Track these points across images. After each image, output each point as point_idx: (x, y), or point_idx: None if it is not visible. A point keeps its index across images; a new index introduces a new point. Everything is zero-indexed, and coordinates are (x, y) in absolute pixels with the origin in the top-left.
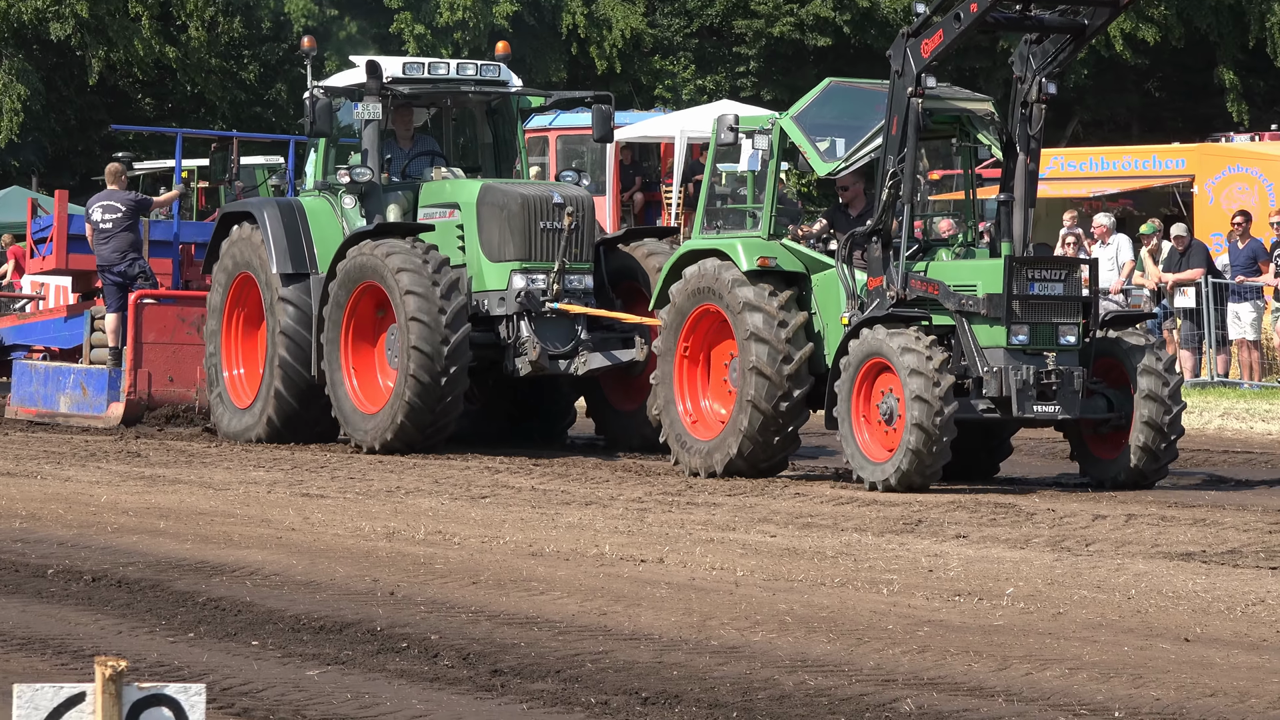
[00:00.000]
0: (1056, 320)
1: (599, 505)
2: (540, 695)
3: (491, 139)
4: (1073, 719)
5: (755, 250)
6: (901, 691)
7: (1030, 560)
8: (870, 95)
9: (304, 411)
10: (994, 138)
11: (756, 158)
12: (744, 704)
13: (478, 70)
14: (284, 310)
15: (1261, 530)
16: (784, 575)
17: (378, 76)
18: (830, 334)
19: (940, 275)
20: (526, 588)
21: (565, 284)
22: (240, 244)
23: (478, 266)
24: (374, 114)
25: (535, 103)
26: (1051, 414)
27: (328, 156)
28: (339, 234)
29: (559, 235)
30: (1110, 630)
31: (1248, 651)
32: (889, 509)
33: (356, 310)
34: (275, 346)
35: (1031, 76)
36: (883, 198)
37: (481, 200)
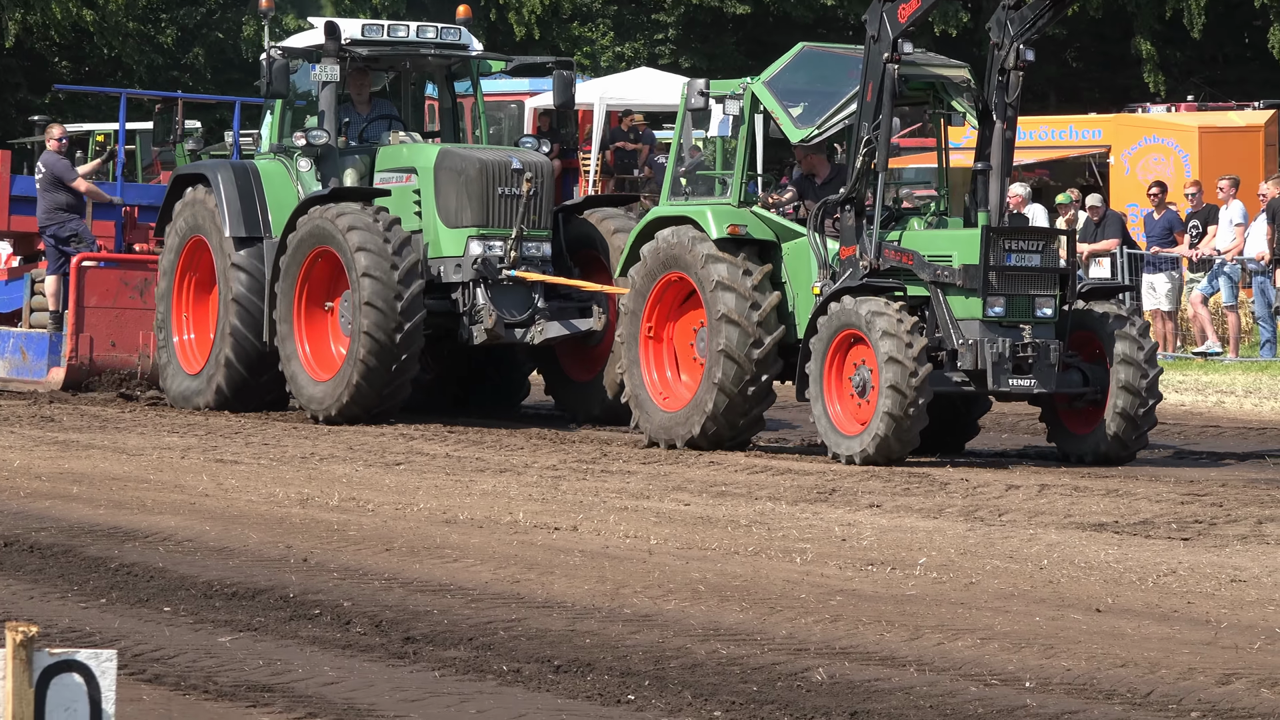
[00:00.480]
0: (1033, 292)
1: (513, 473)
2: (452, 663)
3: (450, 104)
4: (984, 689)
5: (725, 218)
6: (813, 660)
7: (943, 530)
8: (843, 60)
9: (254, 379)
10: (969, 105)
11: (727, 123)
12: (656, 672)
13: (438, 33)
14: (236, 276)
15: (1173, 501)
16: (697, 544)
17: (336, 38)
18: (800, 304)
19: (915, 245)
20: (440, 555)
21: (523, 251)
22: (193, 206)
23: (434, 232)
24: (331, 76)
25: (496, 67)
26: (1027, 388)
27: (283, 119)
28: (294, 198)
29: (517, 201)
30: (1022, 600)
31: (1159, 622)
32: (803, 478)
33: (310, 276)
34: (226, 313)
35: (1009, 43)
36: (856, 165)
37: (439, 165)
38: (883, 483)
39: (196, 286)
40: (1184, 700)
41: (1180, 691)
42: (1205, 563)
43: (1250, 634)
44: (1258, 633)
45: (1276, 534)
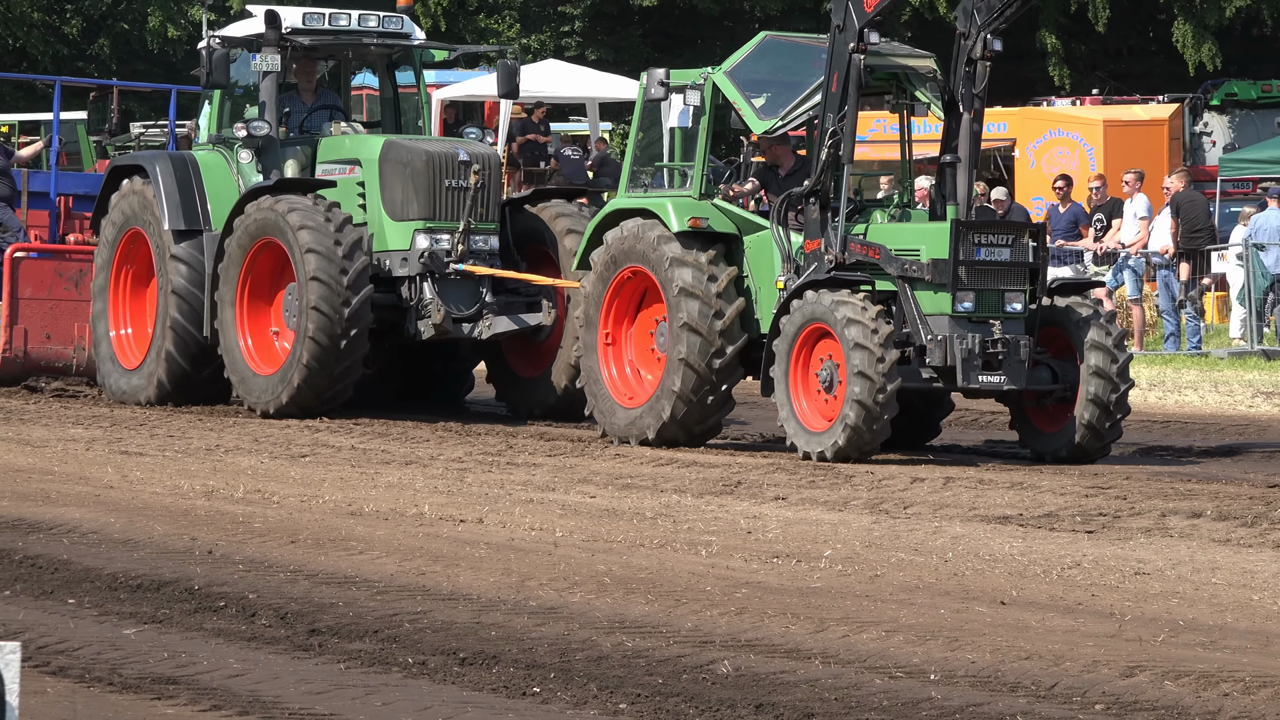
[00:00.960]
0: (1003, 287)
1: (419, 465)
2: (358, 655)
3: (392, 94)
4: (889, 681)
5: (686, 210)
6: (719, 653)
7: (848, 523)
8: (806, 50)
9: (195, 373)
10: (933, 95)
11: (687, 114)
12: (561, 665)
13: (380, 22)
14: (176, 268)
15: (1078, 494)
16: (603, 536)
17: (276, 27)
18: (764, 297)
19: (881, 238)
20: (345, 547)
21: (470, 244)
22: (130, 198)
23: (379, 225)
24: (272, 66)
25: (439, 56)
26: (997, 384)
27: (222, 109)
28: (234, 189)
29: (465, 194)
30: (927, 593)
31: (1063, 615)
32: (709, 470)
33: (253, 268)
34: (166, 306)
35: (976, 32)
36: (821, 157)
37: (384, 157)
38: (788, 475)
39: (133, 280)
40: (1088, 693)
41: (1084, 684)
42: (1109, 555)
43: (1154, 626)
44: (1161, 625)
45: (1180, 527)
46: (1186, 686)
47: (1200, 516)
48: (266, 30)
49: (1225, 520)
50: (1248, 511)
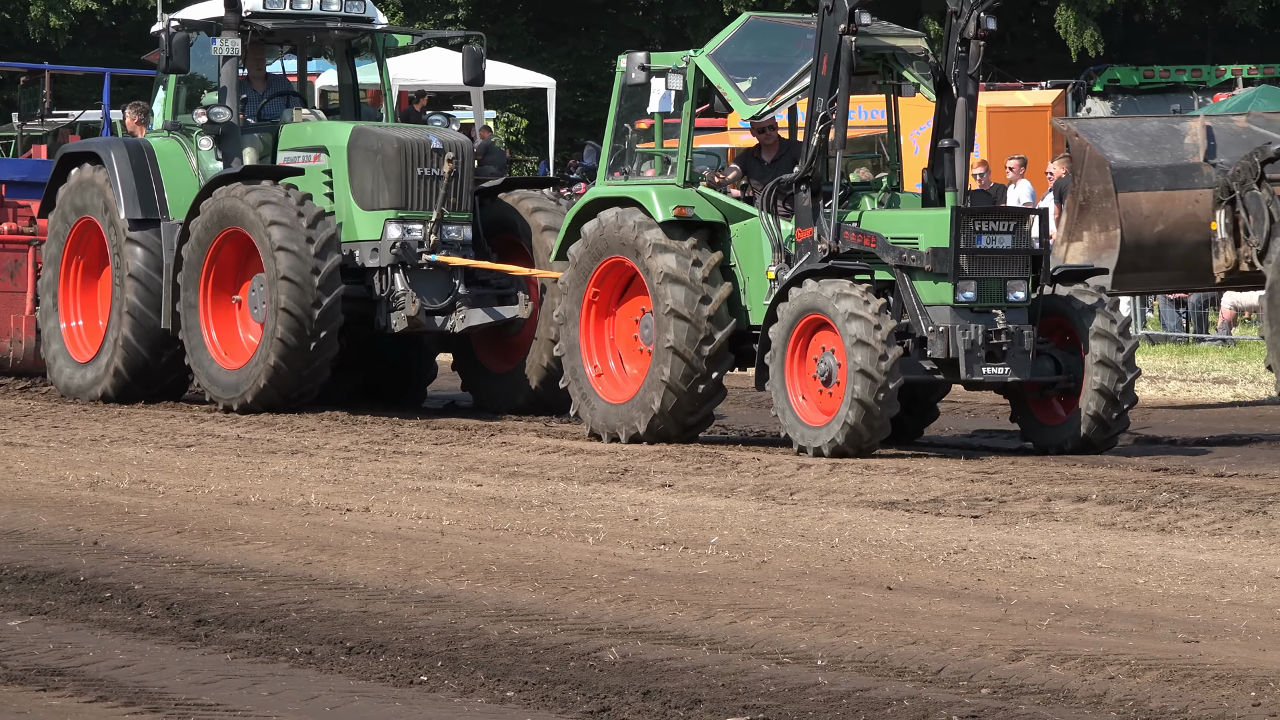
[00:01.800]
0: (1005, 275)
1: (305, 454)
2: (244, 645)
3: (351, 80)
4: (776, 667)
5: (671, 199)
6: (606, 640)
7: (735, 509)
8: (791, 31)
9: (153, 363)
10: (921, 76)
11: (668, 99)
12: (449, 653)
13: (342, 5)
14: (133, 256)
15: (964, 479)
16: (490, 524)
17: (236, 10)
18: (752, 287)
19: (877, 226)
20: (231, 537)
21: (443, 235)
22: (82, 187)
23: (348, 215)
24: (233, 50)
25: (402, 41)
26: (1001, 376)
27: (178, 95)
28: (190, 177)
29: (438, 183)
30: (814, 579)
31: (949, 599)
32: (595, 458)
33: (219, 257)
34: (123, 290)
35: (968, 11)
36: (812, 143)
37: (353, 144)
38: (675, 462)
39: (84, 272)
40: (974, 677)
41: (971, 668)
42: (995, 540)
43: (1039, 610)
44: (1047, 609)
45: (1065, 511)
46: (1072, 670)
47: (1085, 501)
48: (226, 13)
49: (1110, 504)
50: (1132, 495)
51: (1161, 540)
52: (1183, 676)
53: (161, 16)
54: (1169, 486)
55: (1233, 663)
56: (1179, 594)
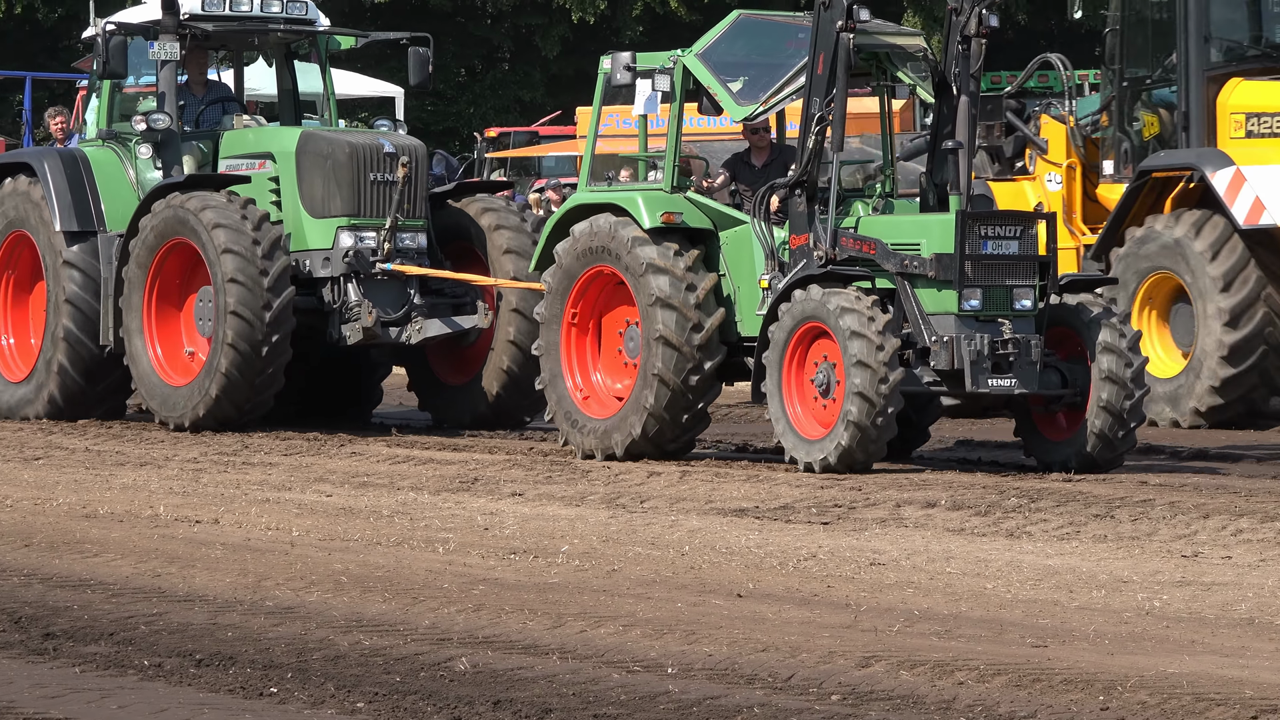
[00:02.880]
0: (1011, 282)
1: (154, 466)
2: (93, 658)
3: (290, 85)
4: (627, 676)
5: (658, 205)
6: (456, 650)
7: (585, 517)
8: (783, 29)
9: (90, 387)
10: (918, 76)
11: (654, 100)
12: (299, 665)
13: (284, 7)
14: (69, 275)
15: (813, 486)
16: (340, 535)
17: (174, 12)
18: (743, 298)
19: (876, 232)
20: (80, 550)
21: (397, 243)
22: (13, 199)
23: (298, 223)
24: (171, 54)
25: (346, 44)
26: (1008, 388)
27: (112, 102)
28: (127, 187)
29: (391, 188)
30: (664, 587)
31: (799, 606)
32: (445, 468)
33: (162, 270)
34: (58, 315)
35: (970, 7)
36: (808, 145)
37: (302, 149)
38: (525, 471)
39: (15, 286)
40: (825, 683)
41: (821, 675)
42: (845, 547)
43: (889, 616)
44: (896, 615)
45: (914, 517)
46: (922, 676)
47: (935, 506)
48: (164, 16)
49: (959, 510)
50: (981, 501)
51: (1010, 545)
52: (1031, 681)
53: (94, 21)
54: (1017, 491)
55: (1081, 667)
56: (1027, 599)
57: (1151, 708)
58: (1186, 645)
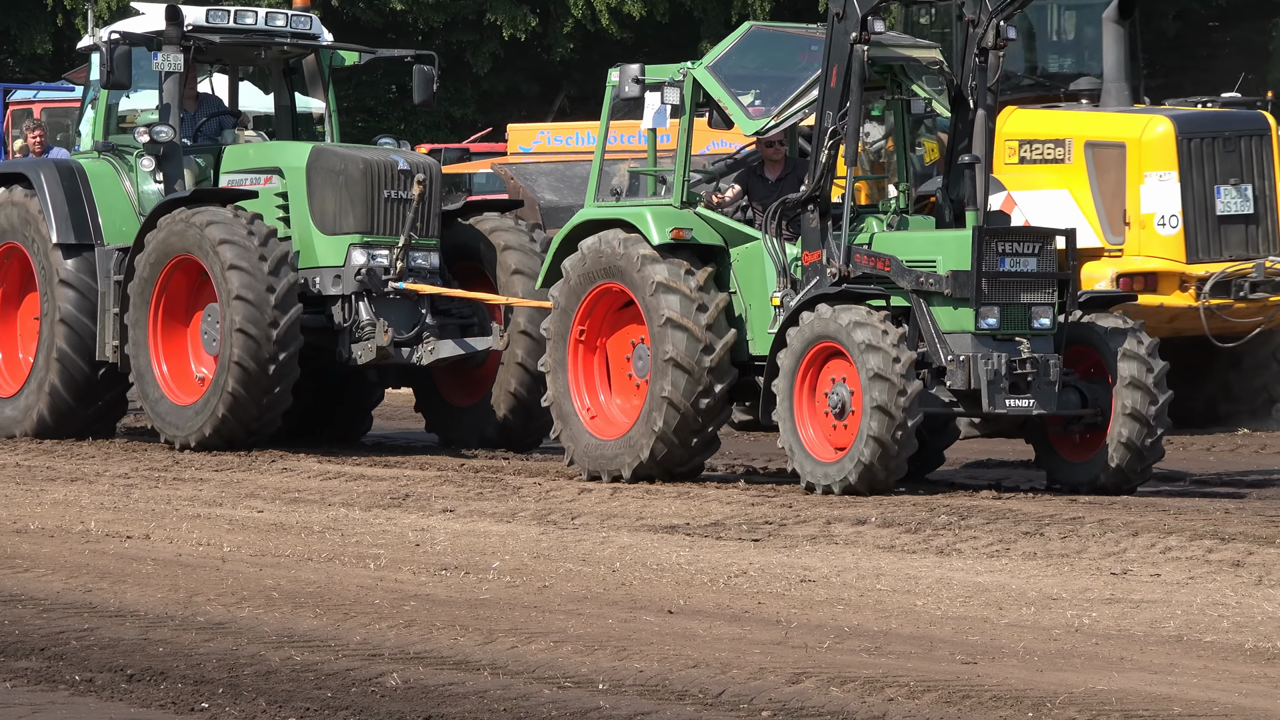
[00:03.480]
0: (1030, 300)
1: (85, 481)
2: (24, 673)
3: (289, 100)
4: (558, 691)
5: (667, 221)
6: (388, 665)
7: (516, 534)
8: (796, 41)
9: (81, 408)
10: (933, 90)
11: (664, 114)
12: (230, 680)
13: (288, 21)
14: (64, 294)
15: (744, 503)
16: (271, 550)
17: (179, 24)
18: (754, 316)
19: (891, 248)
20: (10, 565)
21: (410, 261)
22: (7, 210)
23: (307, 239)
24: (175, 65)
25: (349, 59)
26: (1025, 408)
27: (110, 114)
28: (125, 200)
29: (406, 206)
30: (595, 603)
31: (730, 623)
32: (376, 484)
33: (168, 287)
34: (52, 335)
35: (987, 20)
36: (821, 160)
37: (313, 165)
38: (455, 487)
39: (4, 300)
40: (755, 700)
41: (751, 691)
42: (775, 563)
43: (819, 633)
44: (827, 632)
45: (844, 534)
46: (852, 692)
47: (865, 524)
48: (168, 27)
49: (889, 527)
50: (911, 518)
51: (940, 562)
52: (961, 698)
53: (93, 32)
54: (947, 509)
55: (1010, 684)
56: (957, 615)
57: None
58: (1115, 662)
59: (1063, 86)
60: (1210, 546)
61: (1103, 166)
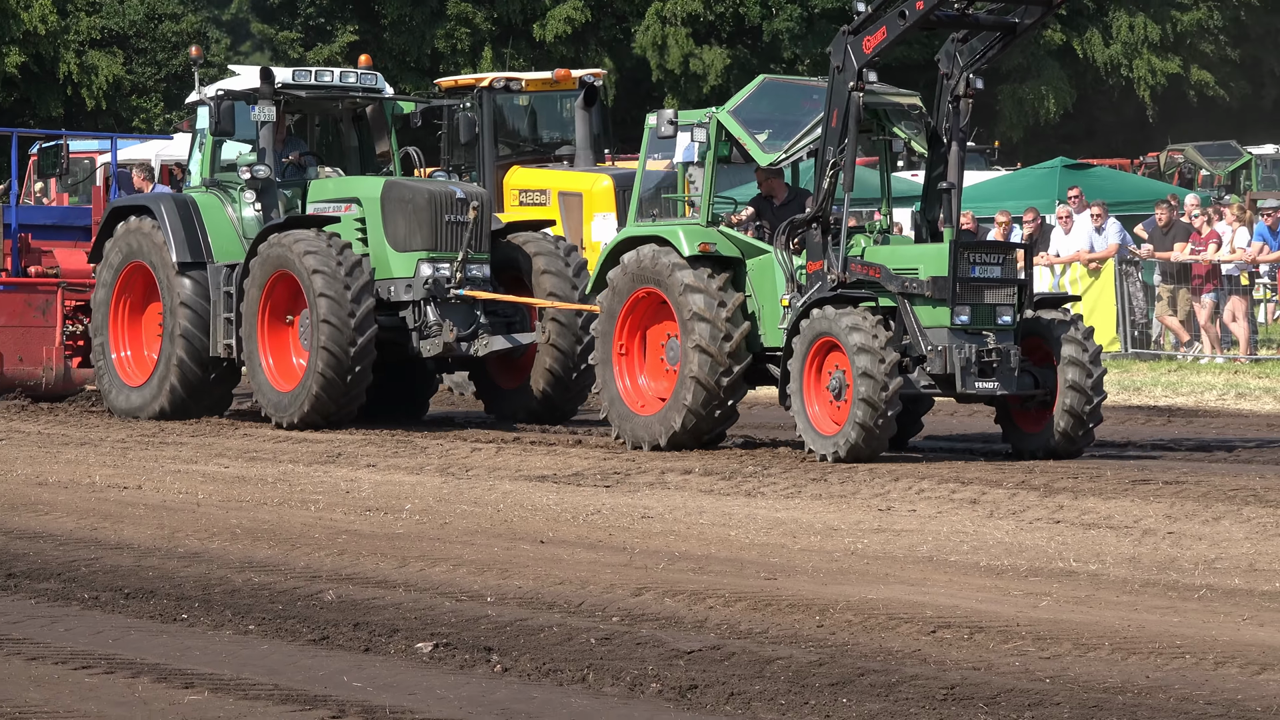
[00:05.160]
0: (995, 301)
1: (91, 445)
2: (45, 592)
3: (357, 142)
4: (456, 603)
5: (696, 236)
6: (325, 585)
7: (424, 483)
8: (801, 90)
9: (201, 386)
10: (911, 131)
11: (693, 150)
12: (204, 597)
13: (357, 78)
14: (182, 302)
15: (598, 458)
16: (235, 497)
17: (271, 82)
18: (766, 315)
19: (880, 259)
20: (33, 510)
21: (467, 272)
22: (132, 235)
23: (382, 256)
24: (269, 116)
25: (406, 108)
26: (991, 390)
27: (214, 156)
28: (229, 226)
29: (463, 228)
30: (484, 535)
31: (587, 550)
32: (316, 445)
33: (272, 295)
34: (175, 331)
35: (959, 73)
36: (823, 186)
37: (386, 195)
38: (377, 448)
39: (131, 308)
40: (607, 608)
41: (604, 601)
42: (622, 504)
43: (656, 557)
44: (661, 556)
45: (675, 481)
46: (681, 601)
47: (690, 473)
48: (262, 85)
49: (709, 475)
50: (726, 468)
51: (748, 502)
52: (764, 605)
53: (199, 90)
54: (754, 460)
55: (802, 594)
56: (761, 543)
57: (855, 624)
58: (881, 577)
59: (551, 152)
60: (954, 488)
61: (569, 209)
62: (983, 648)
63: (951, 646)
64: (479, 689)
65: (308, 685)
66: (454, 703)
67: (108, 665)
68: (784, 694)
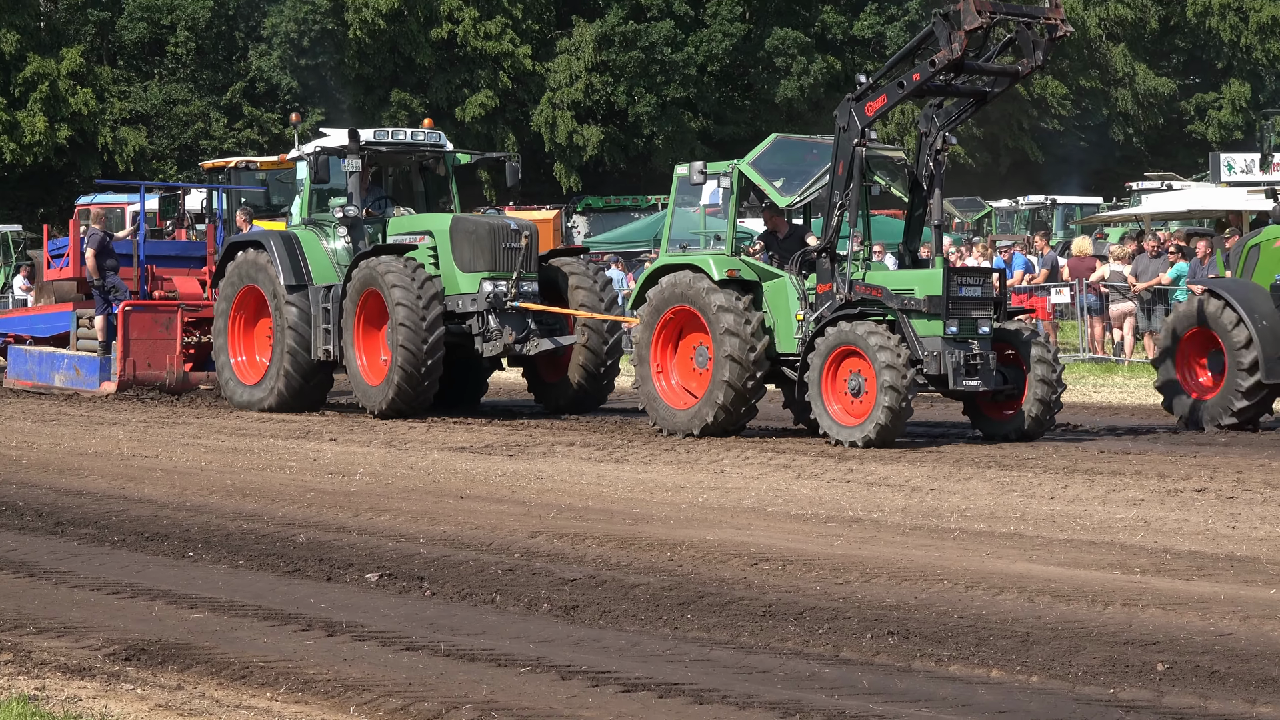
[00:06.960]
0: (977, 315)
1: (121, 424)
2: (85, 536)
3: (423, 186)
4: (396, 544)
5: (724, 264)
6: (297, 530)
7: (373, 453)
8: (807, 145)
9: (305, 384)
10: (890, 178)
11: (718, 194)
12: (205, 539)
13: (426, 136)
14: (289, 311)
15: (505, 434)
16: (230, 464)
17: (357, 140)
18: (781, 328)
19: (881, 281)
20: (76, 473)
21: (520, 288)
22: (246, 264)
23: (451, 276)
24: (356, 167)
25: (464, 160)
26: (975, 387)
27: (313, 199)
28: (324, 256)
29: (516, 253)
30: (418, 493)
31: (496, 503)
32: (291, 424)
33: (364, 309)
34: (284, 337)
35: (936, 131)
36: (832, 223)
37: (454, 229)
38: (337, 426)
39: (244, 324)
40: (510, 546)
41: (509, 543)
42: (523, 469)
43: (547, 509)
44: (551, 508)
45: (563, 450)
46: (566, 542)
47: (574, 445)
48: (350, 143)
49: (589, 446)
50: (603, 440)
51: (617, 467)
52: (629, 545)
53: (297, 146)
54: (621, 434)
55: (658, 537)
56: (626, 497)
57: (697, 559)
58: (716, 524)
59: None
60: (771, 456)
61: None
62: (793, 576)
63: (769, 575)
64: (414, 609)
65: (284, 606)
66: (395, 619)
67: (132, 591)
68: (643, 611)
